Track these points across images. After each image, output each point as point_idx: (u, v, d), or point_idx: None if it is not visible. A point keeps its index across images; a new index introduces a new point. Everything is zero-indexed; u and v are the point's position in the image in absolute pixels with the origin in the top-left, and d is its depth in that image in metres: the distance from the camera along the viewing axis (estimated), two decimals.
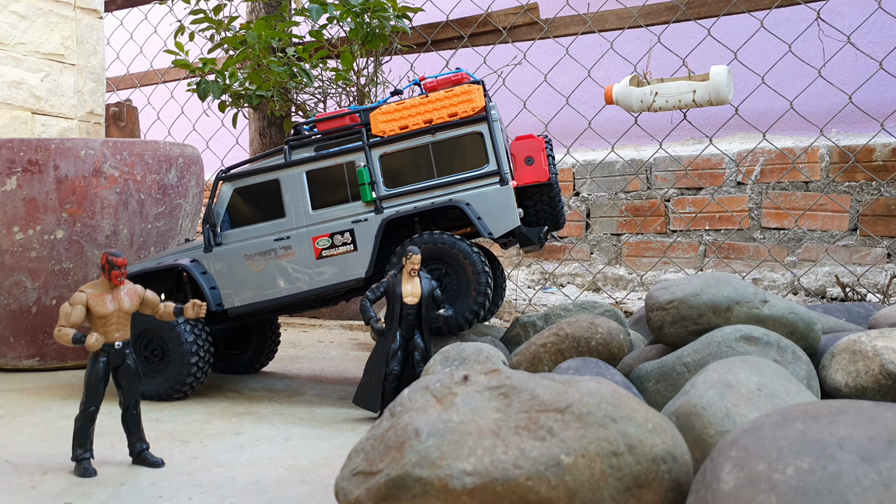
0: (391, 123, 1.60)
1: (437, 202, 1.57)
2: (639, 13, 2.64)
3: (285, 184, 1.63)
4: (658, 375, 1.26)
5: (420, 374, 1.44)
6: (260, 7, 3.08)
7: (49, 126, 2.63)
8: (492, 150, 1.56)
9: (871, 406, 0.71)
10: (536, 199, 1.70)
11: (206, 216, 1.67)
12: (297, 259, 1.63)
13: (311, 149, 1.65)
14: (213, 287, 1.66)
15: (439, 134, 1.58)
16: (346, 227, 1.61)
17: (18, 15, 2.56)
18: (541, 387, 0.85)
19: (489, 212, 1.56)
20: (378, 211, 1.59)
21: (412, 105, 1.60)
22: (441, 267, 1.55)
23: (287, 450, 1.29)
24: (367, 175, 1.59)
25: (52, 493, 1.10)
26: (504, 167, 1.56)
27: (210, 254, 1.67)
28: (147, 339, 1.67)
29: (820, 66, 2.45)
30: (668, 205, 3.00)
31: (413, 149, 1.60)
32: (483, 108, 1.57)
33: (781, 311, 1.27)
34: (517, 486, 0.76)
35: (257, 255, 1.64)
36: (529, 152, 1.61)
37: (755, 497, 0.64)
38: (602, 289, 3.03)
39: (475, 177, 1.57)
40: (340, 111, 1.67)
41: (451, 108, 1.58)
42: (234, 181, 1.67)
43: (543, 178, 1.61)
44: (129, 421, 1.21)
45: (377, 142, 1.60)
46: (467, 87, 1.58)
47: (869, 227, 2.62)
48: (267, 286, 1.65)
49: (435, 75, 1.65)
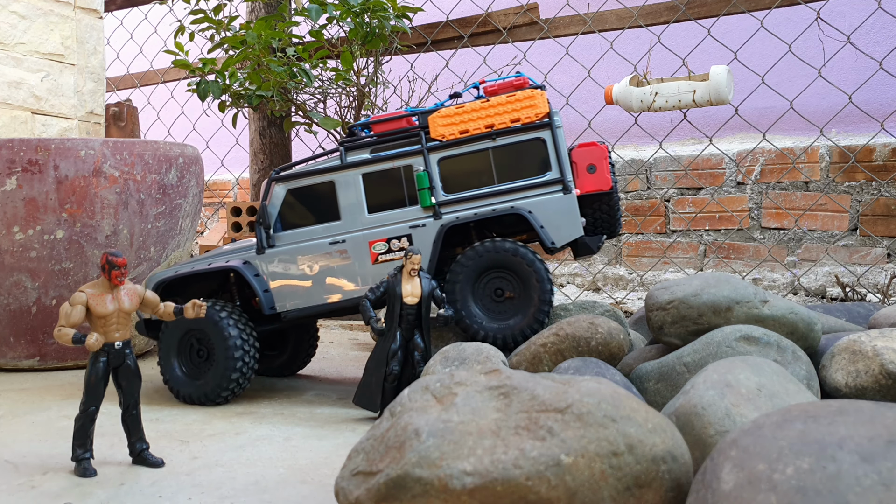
0: (451, 127, 1.57)
1: (499, 209, 1.54)
2: (639, 13, 2.64)
3: (341, 186, 1.60)
4: (658, 375, 1.26)
5: (420, 374, 1.44)
6: (260, 7, 3.08)
7: (49, 126, 2.63)
8: (555, 158, 1.54)
9: (871, 406, 0.71)
10: (596, 207, 1.67)
11: (258, 217, 1.63)
12: (353, 263, 1.60)
13: (367, 151, 1.61)
14: (266, 290, 1.62)
15: (500, 139, 1.55)
16: (403, 232, 1.58)
17: (18, 15, 2.55)
18: (541, 387, 0.85)
19: (552, 220, 1.53)
20: (436, 216, 1.57)
21: (473, 109, 1.57)
22: (503, 275, 1.52)
23: (287, 450, 1.29)
24: (426, 179, 1.56)
25: (52, 493, 1.10)
26: (567, 175, 1.53)
27: (263, 256, 1.63)
28: (191, 340, 1.64)
29: (820, 66, 2.45)
30: (668, 205, 3.00)
31: (473, 154, 1.57)
32: (547, 114, 1.54)
33: (781, 311, 1.27)
34: (517, 486, 0.76)
35: (312, 257, 1.61)
36: (592, 160, 1.57)
37: (755, 497, 0.64)
38: (602, 289, 3.03)
39: (537, 184, 1.54)
40: (397, 113, 1.64)
41: (514, 113, 1.55)
42: (287, 182, 1.63)
43: (606, 187, 1.57)
44: (129, 421, 1.21)
45: (436, 146, 1.57)
46: (530, 93, 1.56)
47: (869, 227, 2.62)
48: (321, 290, 1.61)
49: (496, 79, 1.62)
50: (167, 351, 1.64)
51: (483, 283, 1.53)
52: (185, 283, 1.72)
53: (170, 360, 1.64)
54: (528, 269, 1.50)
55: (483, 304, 1.53)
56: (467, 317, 1.52)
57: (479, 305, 1.53)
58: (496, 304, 1.53)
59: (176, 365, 1.63)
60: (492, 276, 1.53)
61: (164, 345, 1.64)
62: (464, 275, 1.52)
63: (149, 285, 1.70)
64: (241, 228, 2.74)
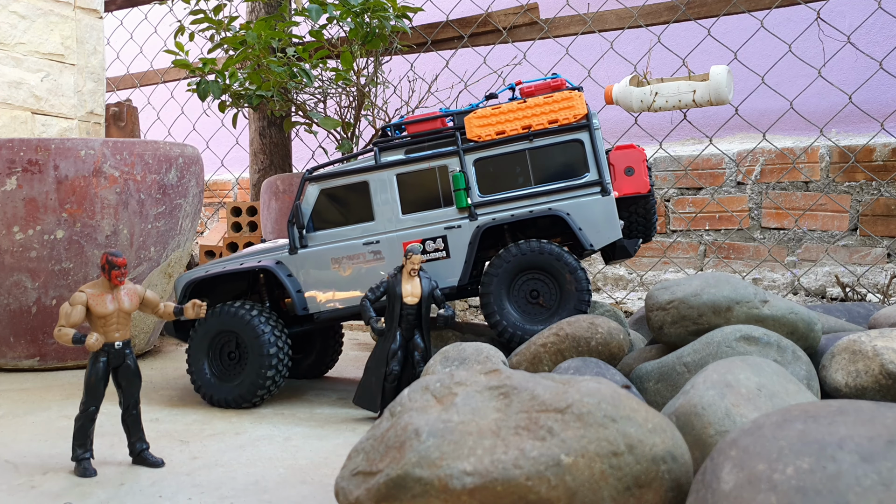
0: (487, 128, 1.56)
1: (537, 211, 1.53)
2: (639, 13, 2.64)
3: (374, 186, 1.59)
4: (658, 375, 1.26)
5: (420, 374, 1.44)
6: (260, 7, 3.08)
7: (49, 126, 2.62)
8: (593, 159, 1.53)
9: (871, 406, 0.71)
10: (633, 210, 1.67)
11: (291, 216, 1.62)
12: (387, 264, 1.59)
13: (401, 151, 1.60)
14: (298, 291, 1.61)
15: (537, 140, 1.54)
16: (438, 234, 1.57)
17: (18, 15, 2.55)
18: (541, 387, 0.85)
19: (590, 222, 1.51)
20: (472, 217, 1.55)
21: (510, 110, 1.56)
22: (540, 276, 1.51)
23: (287, 450, 1.29)
24: (463, 180, 1.55)
25: (52, 493, 1.10)
26: (606, 177, 1.52)
27: (295, 256, 1.62)
28: (223, 341, 1.62)
29: (820, 66, 2.45)
30: (668, 205, 3.00)
31: (509, 155, 1.56)
32: (585, 116, 1.54)
33: (781, 311, 1.27)
34: (517, 486, 0.76)
35: (345, 258, 1.60)
36: (630, 163, 1.56)
37: (755, 497, 0.64)
38: (602, 289, 3.03)
39: (574, 186, 1.53)
40: (432, 114, 1.63)
41: (552, 114, 1.54)
42: (320, 182, 1.62)
43: (644, 190, 1.56)
44: (129, 421, 1.21)
45: (472, 146, 1.56)
46: (568, 94, 1.55)
47: (869, 227, 2.62)
48: (354, 291, 1.60)
49: (532, 80, 1.61)
50: (197, 354, 1.62)
51: (519, 283, 1.51)
52: (214, 283, 1.71)
53: (200, 364, 1.61)
54: (569, 277, 1.48)
55: (517, 304, 1.51)
56: (502, 318, 1.50)
57: (514, 305, 1.51)
58: (531, 306, 1.51)
59: (206, 368, 1.61)
60: (529, 277, 1.51)
61: (194, 349, 1.62)
62: (502, 270, 1.50)
63: (179, 285, 1.69)
64: (241, 228, 2.74)
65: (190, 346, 1.63)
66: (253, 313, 1.58)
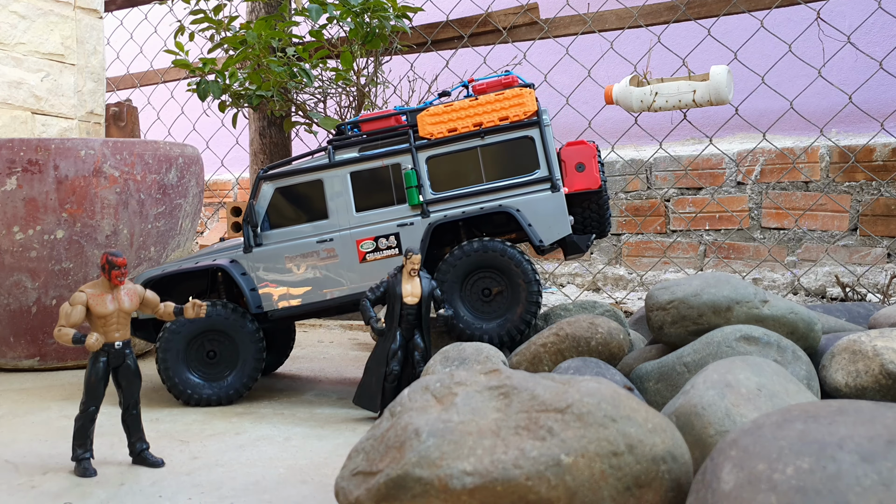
0: (439, 126, 1.57)
1: (487, 208, 1.54)
2: (639, 13, 2.64)
3: (329, 185, 1.60)
4: (658, 375, 1.26)
5: (420, 374, 1.44)
6: (260, 7, 3.08)
7: (49, 126, 2.63)
8: (543, 156, 1.54)
9: (871, 406, 0.71)
10: (585, 206, 1.67)
11: (245, 215, 1.63)
12: (341, 262, 1.60)
13: (355, 149, 1.62)
14: (252, 289, 1.62)
15: (489, 137, 1.56)
16: (391, 231, 1.58)
17: (18, 15, 2.56)
18: (541, 387, 0.85)
19: (540, 219, 1.53)
20: (425, 215, 1.57)
21: (461, 107, 1.57)
22: (491, 275, 1.53)
23: (287, 450, 1.29)
24: (415, 178, 1.56)
25: (52, 493, 1.10)
26: (556, 173, 1.54)
27: (250, 254, 1.63)
28: (201, 343, 1.61)
29: (820, 66, 2.45)
30: (668, 205, 3.00)
31: (461, 152, 1.57)
32: (535, 113, 1.55)
33: (781, 311, 1.27)
34: (517, 486, 0.76)
35: (299, 256, 1.61)
36: (581, 158, 1.57)
37: (755, 497, 0.64)
38: (602, 289, 3.03)
39: (525, 182, 1.54)
40: (386, 112, 1.64)
41: (503, 111, 1.55)
42: (275, 181, 1.63)
43: (595, 186, 1.57)
44: (129, 421, 1.21)
45: (425, 144, 1.57)
46: (519, 91, 1.56)
47: (869, 227, 2.62)
48: (308, 289, 1.61)
49: (484, 77, 1.62)
50: (174, 357, 1.60)
51: (471, 282, 1.53)
52: (173, 282, 1.71)
53: (179, 368, 1.60)
54: (515, 269, 1.50)
55: (471, 304, 1.54)
56: (455, 316, 1.53)
57: (468, 306, 1.54)
58: (484, 304, 1.53)
59: (187, 372, 1.61)
60: (479, 276, 1.53)
61: (170, 351, 1.60)
62: (451, 274, 1.52)
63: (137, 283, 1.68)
64: (241, 228, 2.74)
65: (164, 349, 1.60)
66: (238, 311, 1.60)
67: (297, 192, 1.62)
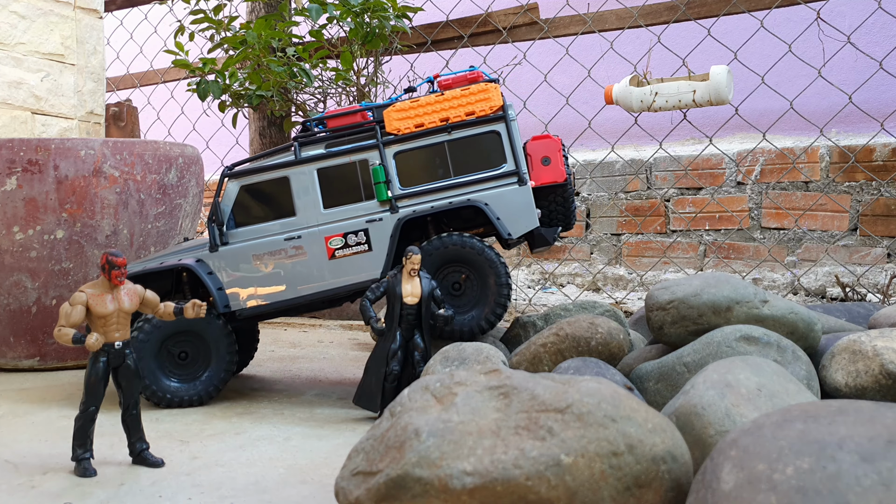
0: (406, 121, 1.57)
1: (456, 202, 1.55)
2: (639, 13, 2.64)
3: (295, 182, 1.60)
4: (658, 375, 1.26)
5: (420, 374, 1.44)
6: (260, 7, 3.08)
7: (49, 126, 2.63)
8: (509, 150, 1.55)
9: (871, 406, 0.71)
10: (551, 199, 1.68)
11: (211, 214, 1.61)
12: (309, 259, 1.59)
13: (322, 146, 1.61)
14: (219, 288, 1.61)
15: (455, 132, 1.56)
16: (359, 227, 1.58)
17: (18, 15, 2.55)
18: (541, 387, 0.85)
19: (508, 212, 1.54)
20: (393, 210, 1.56)
21: (428, 103, 1.57)
22: (462, 270, 1.53)
23: (287, 450, 1.29)
24: (383, 174, 1.56)
25: (52, 493, 1.10)
26: (522, 167, 1.54)
27: (216, 253, 1.62)
28: (169, 346, 1.61)
29: (820, 66, 2.45)
30: (668, 205, 3.00)
31: (429, 147, 1.57)
32: (501, 107, 1.56)
33: (781, 311, 1.27)
34: (517, 486, 0.76)
35: (266, 254, 1.60)
36: (546, 152, 1.59)
37: (755, 497, 0.64)
38: (602, 289, 3.03)
39: (492, 177, 1.55)
40: (351, 108, 1.64)
41: (469, 106, 1.56)
42: (240, 178, 1.62)
43: (560, 179, 1.59)
44: (129, 421, 1.21)
45: (392, 139, 1.57)
46: (484, 86, 1.57)
47: (869, 227, 2.62)
48: (277, 287, 1.60)
49: (450, 73, 1.63)
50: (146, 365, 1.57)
51: (440, 278, 1.54)
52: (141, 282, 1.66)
53: (152, 373, 1.58)
54: (482, 261, 1.51)
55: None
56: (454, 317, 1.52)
57: None
58: (454, 298, 1.54)
59: (161, 375, 1.59)
60: (449, 271, 1.54)
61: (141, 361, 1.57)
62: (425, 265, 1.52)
63: None
64: None
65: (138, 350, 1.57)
66: (211, 311, 1.60)
67: (263, 189, 1.61)
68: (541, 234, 1.58)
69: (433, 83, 1.65)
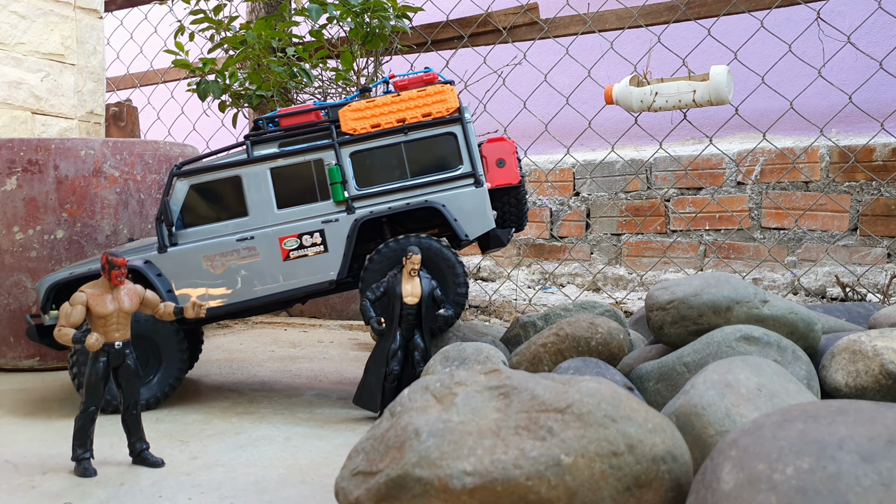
0: (362, 121, 1.56)
1: (413, 203, 1.54)
2: (639, 13, 2.64)
3: (248, 181, 1.56)
4: (658, 375, 1.26)
5: (420, 374, 1.44)
6: (260, 7, 3.08)
7: (49, 126, 2.63)
8: (466, 152, 1.55)
9: (871, 406, 0.71)
10: (505, 201, 1.70)
11: (160, 213, 1.57)
12: (263, 260, 1.56)
13: (275, 145, 1.58)
14: (169, 290, 1.57)
15: (412, 133, 1.56)
16: (315, 228, 1.56)
17: (18, 15, 2.55)
18: (541, 387, 0.85)
19: (465, 213, 1.54)
20: (350, 211, 1.55)
21: (384, 103, 1.56)
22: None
23: (287, 450, 1.29)
24: (339, 174, 1.54)
25: (52, 493, 1.10)
26: (479, 169, 1.55)
27: (165, 254, 1.57)
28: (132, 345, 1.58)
29: (820, 66, 2.45)
30: (668, 205, 3.00)
31: (385, 148, 1.56)
32: (457, 109, 1.56)
33: (781, 311, 1.27)
34: (517, 486, 0.76)
35: (218, 256, 1.56)
36: (501, 155, 1.59)
37: (755, 497, 0.64)
38: (602, 289, 3.03)
39: (449, 178, 1.55)
40: (305, 106, 1.61)
41: (425, 107, 1.56)
42: (190, 177, 1.57)
43: (515, 181, 1.60)
44: (129, 421, 1.21)
45: (348, 139, 1.56)
46: (440, 88, 1.56)
47: (869, 227, 2.62)
48: (229, 289, 1.57)
49: (405, 74, 1.62)
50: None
51: None
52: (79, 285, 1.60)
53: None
54: (440, 261, 1.51)
55: None
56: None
57: None
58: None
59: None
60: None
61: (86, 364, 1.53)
62: (383, 265, 1.52)
63: (41, 288, 1.61)
64: None
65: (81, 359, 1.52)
66: None
67: (213, 188, 1.58)
68: (496, 234, 1.59)
69: (388, 84, 1.64)
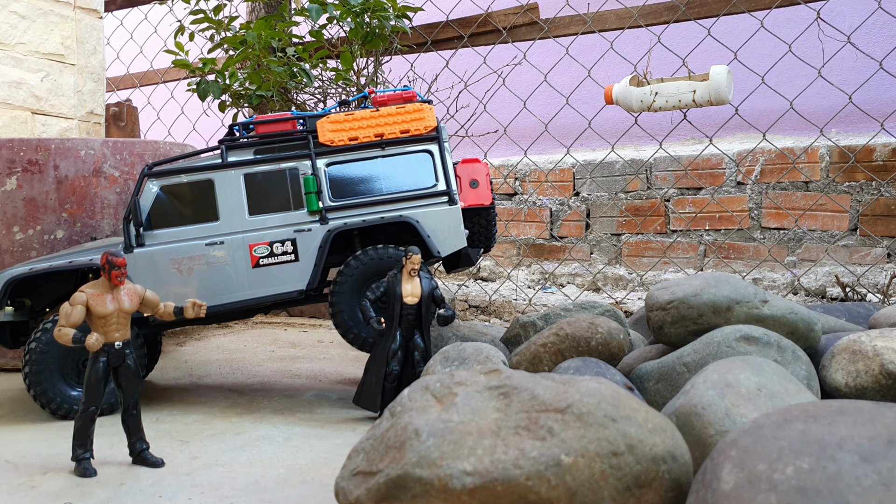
0: (340, 133, 1.57)
1: (388, 217, 1.55)
2: (639, 13, 2.64)
3: (220, 185, 1.55)
4: (658, 375, 1.26)
5: (420, 374, 1.44)
6: (260, 7, 3.08)
7: (49, 126, 2.63)
8: (441, 170, 1.57)
9: (871, 406, 0.71)
10: (475, 221, 1.72)
11: (127, 213, 1.54)
12: (231, 266, 1.55)
13: (250, 151, 1.58)
14: None
15: (389, 149, 1.58)
16: (287, 237, 1.55)
17: (18, 15, 2.56)
18: (541, 387, 0.85)
19: (438, 230, 1.55)
20: (323, 221, 1.55)
21: (363, 117, 1.57)
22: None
23: (287, 450, 1.29)
24: (314, 184, 1.54)
25: (52, 493, 1.10)
26: (453, 187, 1.56)
27: (131, 255, 1.54)
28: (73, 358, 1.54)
29: (820, 66, 2.45)
30: (668, 205, 3.00)
31: (361, 161, 1.57)
32: (435, 128, 1.58)
33: (781, 311, 1.27)
34: (517, 486, 0.76)
35: (186, 259, 1.54)
36: (475, 175, 1.62)
37: (755, 497, 0.64)
38: (602, 289, 3.03)
39: (424, 195, 1.56)
40: (282, 114, 1.62)
41: (404, 124, 1.57)
42: (161, 178, 1.56)
43: (487, 202, 1.62)
44: (129, 421, 1.21)
45: (325, 150, 1.57)
46: (419, 106, 1.58)
47: (869, 227, 2.62)
48: (196, 293, 1.55)
49: (384, 90, 1.64)
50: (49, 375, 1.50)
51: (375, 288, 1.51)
52: (37, 282, 1.61)
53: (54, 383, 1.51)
54: None
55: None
56: (354, 325, 1.53)
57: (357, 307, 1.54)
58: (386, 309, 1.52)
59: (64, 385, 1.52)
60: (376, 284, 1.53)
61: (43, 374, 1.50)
62: (351, 281, 1.53)
63: None
64: None
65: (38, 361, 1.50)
66: None
67: (185, 191, 1.57)
68: (466, 253, 1.60)
69: (367, 98, 1.65)
